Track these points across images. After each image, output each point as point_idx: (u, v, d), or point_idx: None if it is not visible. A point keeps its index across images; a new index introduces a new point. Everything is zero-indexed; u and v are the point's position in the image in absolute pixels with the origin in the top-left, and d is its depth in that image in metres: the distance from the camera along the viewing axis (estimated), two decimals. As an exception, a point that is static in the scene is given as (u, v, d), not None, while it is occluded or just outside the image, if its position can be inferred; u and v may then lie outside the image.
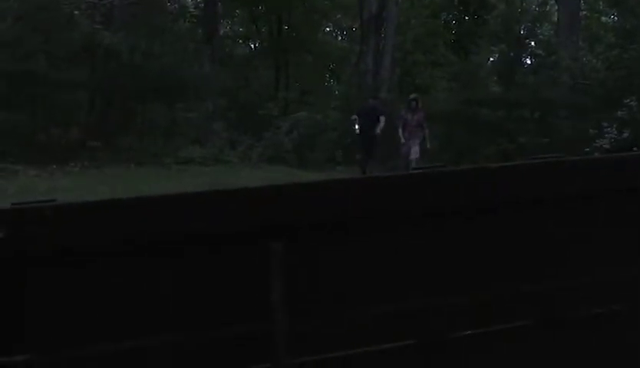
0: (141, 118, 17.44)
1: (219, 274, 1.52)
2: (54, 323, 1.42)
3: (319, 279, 1.57)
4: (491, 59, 27.31)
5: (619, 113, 15.22)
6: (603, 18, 26.64)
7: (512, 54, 23.90)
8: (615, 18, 25.40)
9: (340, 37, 30.43)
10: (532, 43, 26.21)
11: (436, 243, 1.64)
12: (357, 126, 13.62)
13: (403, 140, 13.24)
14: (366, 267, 1.59)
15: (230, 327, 1.50)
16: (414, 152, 13.12)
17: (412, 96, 14.26)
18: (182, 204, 1.50)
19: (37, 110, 15.88)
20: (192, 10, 23.74)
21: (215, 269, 1.52)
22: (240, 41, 28.35)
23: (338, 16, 28.78)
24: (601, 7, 26.28)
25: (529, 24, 26.78)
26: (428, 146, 13.43)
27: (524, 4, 26.63)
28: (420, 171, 1.70)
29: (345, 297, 1.58)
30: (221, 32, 23.50)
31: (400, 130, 13.34)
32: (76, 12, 16.78)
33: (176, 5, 22.96)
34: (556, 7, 22.97)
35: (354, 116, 13.96)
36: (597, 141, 14.78)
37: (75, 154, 14.35)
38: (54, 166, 13.37)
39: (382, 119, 13.56)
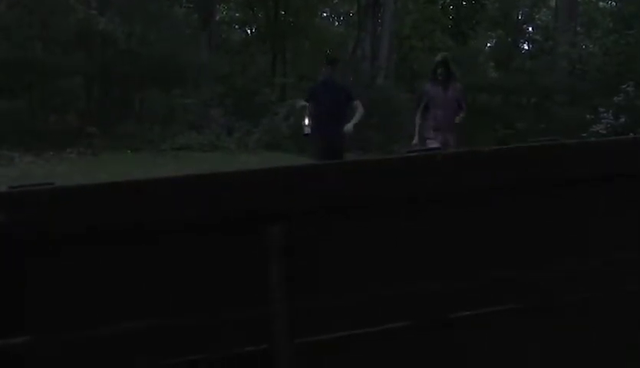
0: (138, 104, 17.42)
1: (218, 258, 1.53)
2: (53, 306, 1.43)
3: (318, 263, 1.57)
4: (489, 45, 27.31)
5: (616, 98, 15.22)
6: (601, 4, 26.59)
7: (510, 39, 23.89)
8: (614, 3, 25.35)
9: (337, 23, 30.33)
10: (530, 28, 26.20)
11: (434, 227, 1.65)
12: (306, 121, 7.94)
13: (417, 130, 8.26)
14: (364, 250, 1.60)
15: (228, 311, 1.51)
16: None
17: (439, 56, 8.70)
18: (181, 187, 1.51)
19: (34, 97, 15.85)
20: (188, -5, 23.63)
21: (213, 253, 1.53)
22: (237, 26, 28.24)
23: (335, 1, 28.68)
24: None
25: (527, 10, 26.74)
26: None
27: (522, -11, 26.59)
28: (418, 155, 1.70)
29: (344, 279, 1.58)
30: (217, 18, 23.40)
31: (418, 114, 8.26)
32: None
33: (171, -9, 22.83)
34: (554, -8, 22.91)
35: (303, 103, 8.34)
36: (594, 126, 14.79)
37: (72, 141, 14.33)
38: (51, 153, 13.36)
39: (358, 104, 8.06)
